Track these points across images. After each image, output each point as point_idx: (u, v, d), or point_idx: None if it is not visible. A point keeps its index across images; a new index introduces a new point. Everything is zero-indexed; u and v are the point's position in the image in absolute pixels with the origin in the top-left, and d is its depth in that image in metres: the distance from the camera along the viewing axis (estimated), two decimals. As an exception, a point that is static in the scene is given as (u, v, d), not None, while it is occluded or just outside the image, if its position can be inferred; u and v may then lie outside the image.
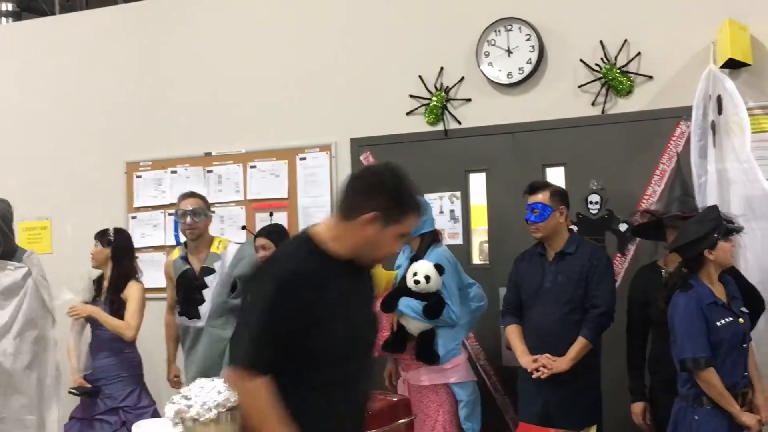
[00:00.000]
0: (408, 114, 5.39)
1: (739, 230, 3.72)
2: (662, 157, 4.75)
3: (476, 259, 5.28)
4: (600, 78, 4.90)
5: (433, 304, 4.29)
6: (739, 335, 3.65)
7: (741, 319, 3.68)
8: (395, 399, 4.09)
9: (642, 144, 4.83)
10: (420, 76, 5.33)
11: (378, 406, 3.83)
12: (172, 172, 6.09)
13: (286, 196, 5.74)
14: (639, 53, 4.83)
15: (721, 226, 3.65)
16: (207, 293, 4.98)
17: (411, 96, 5.36)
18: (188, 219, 4.93)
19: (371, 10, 5.55)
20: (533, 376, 4.16)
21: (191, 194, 5.07)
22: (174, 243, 5.68)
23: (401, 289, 4.38)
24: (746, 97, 4.45)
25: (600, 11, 4.95)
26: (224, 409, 2.59)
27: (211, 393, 2.61)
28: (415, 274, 4.28)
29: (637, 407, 4.16)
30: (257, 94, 5.81)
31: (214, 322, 4.97)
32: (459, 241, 5.24)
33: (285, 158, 5.75)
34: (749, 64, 4.52)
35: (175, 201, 5.29)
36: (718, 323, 3.59)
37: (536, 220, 4.26)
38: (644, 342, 4.18)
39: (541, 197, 4.28)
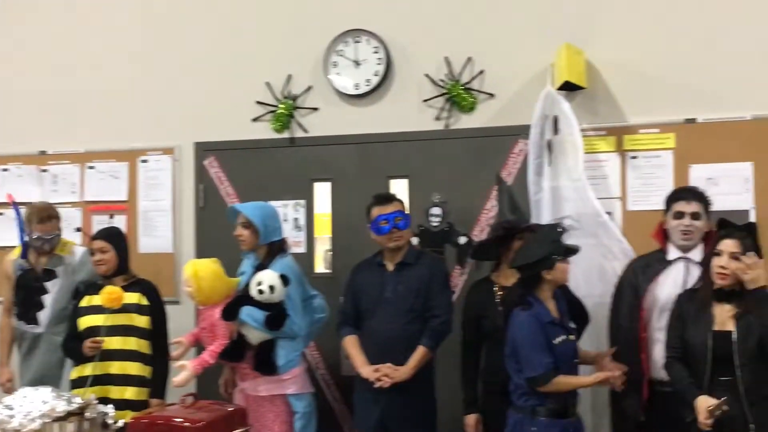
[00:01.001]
0: (254, 120, 5.33)
1: (575, 251, 3.81)
2: (501, 173, 4.89)
3: (319, 268, 5.28)
4: (444, 93, 5.01)
5: (275, 315, 4.25)
6: (571, 352, 3.78)
7: (572, 336, 3.81)
8: (230, 409, 4.02)
9: (483, 159, 4.96)
10: (267, 83, 5.29)
11: (213, 415, 3.75)
12: (4, 170, 5.81)
13: (125, 198, 5.58)
14: (482, 71, 4.97)
15: (560, 248, 3.76)
16: (48, 298, 4.80)
17: (258, 102, 5.31)
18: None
19: (220, 13, 5.47)
20: (375, 386, 4.17)
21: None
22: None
23: (244, 297, 4.31)
24: (580, 118, 4.65)
25: (446, 28, 5.06)
26: (50, 420, 2.48)
27: (35, 403, 2.48)
28: (259, 284, 4.22)
29: (471, 419, 4.24)
30: (97, 93, 5.62)
31: (55, 329, 4.79)
32: (303, 249, 5.23)
33: (126, 160, 5.59)
34: (584, 88, 4.73)
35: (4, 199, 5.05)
36: (555, 341, 3.69)
37: (404, 227, 4.32)
38: (478, 354, 4.27)
39: (400, 206, 4.35)
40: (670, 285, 3.88)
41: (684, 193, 3.96)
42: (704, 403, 3.46)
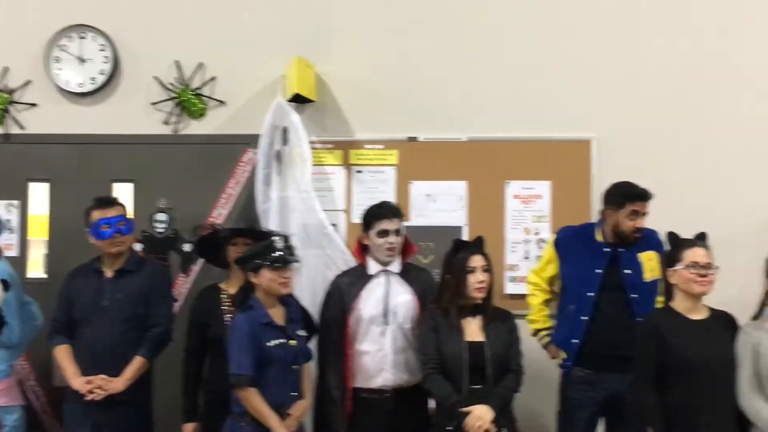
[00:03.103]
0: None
1: (286, 262, 3.77)
2: (230, 181, 4.86)
3: (33, 273, 4.97)
4: (174, 98, 4.91)
5: (-6, 322, 3.96)
6: (289, 356, 3.80)
7: (293, 341, 3.84)
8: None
9: (212, 167, 4.91)
10: None
11: None
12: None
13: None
14: (213, 78, 4.92)
15: (267, 255, 3.75)
16: None
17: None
18: None
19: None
20: (87, 398, 3.99)
21: None
22: None
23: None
24: (309, 131, 4.74)
25: (178, 31, 4.97)
26: None
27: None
28: (-21, 290, 3.90)
29: (188, 428, 4.16)
30: None
31: None
32: (15, 253, 4.90)
33: None
34: (314, 101, 4.81)
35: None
36: (269, 344, 3.72)
37: (127, 231, 4.16)
38: (201, 362, 4.20)
39: (122, 210, 4.20)
40: (373, 299, 3.99)
41: (386, 211, 4.04)
42: (480, 410, 3.61)
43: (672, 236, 3.71)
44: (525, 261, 4.76)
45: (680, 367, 3.48)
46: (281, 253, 3.75)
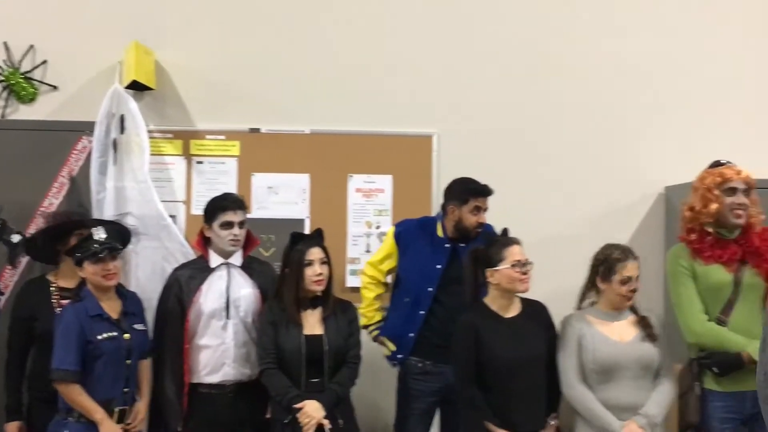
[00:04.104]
0: None
1: (110, 251, 3.68)
2: (62, 169, 4.65)
3: None
4: (2, 81, 4.65)
5: None
6: (121, 350, 3.69)
7: (127, 335, 3.73)
8: None
9: (43, 154, 4.67)
10: None
11: None
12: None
13: None
14: (45, 61, 4.71)
15: (87, 248, 3.65)
16: None
17: None
18: None
19: None
20: None
21: None
22: None
23: None
24: (148, 119, 4.61)
25: (6, 10, 4.72)
26: None
27: None
28: None
29: (12, 427, 3.96)
30: None
31: None
32: None
33: None
34: (152, 89, 4.68)
35: None
36: (99, 336, 3.61)
37: None
38: (25, 358, 4.01)
39: None
40: (214, 293, 3.93)
41: (230, 202, 3.99)
42: (312, 407, 3.61)
43: (504, 232, 3.81)
44: (366, 254, 4.79)
45: (495, 368, 3.58)
46: (100, 245, 3.66)
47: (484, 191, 4.11)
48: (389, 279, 4.34)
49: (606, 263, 3.69)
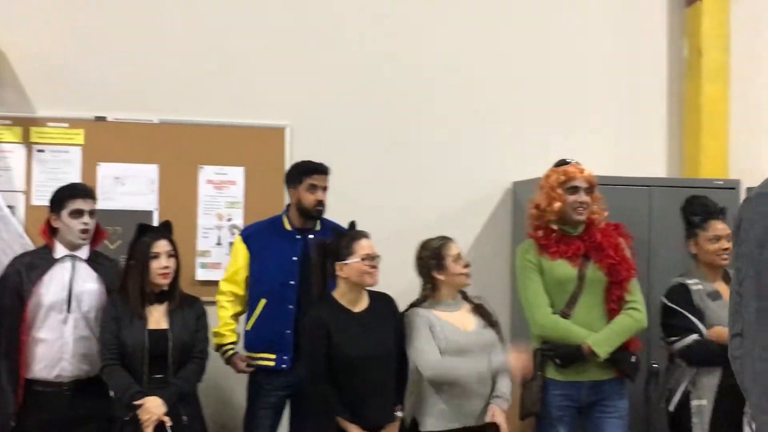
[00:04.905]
0: None
1: None
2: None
3: None
4: None
5: None
6: None
7: None
8: None
9: None
10: None
11: None
12: None
13: None
14: None
15: None
16: None
17: None
18: None
19: None
20: None
21: None
22: None
23: None
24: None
25: None
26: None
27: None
28: None
29: None
30: None
31: None
32: None
33: None
34: (-12, 73, 4.46)
35: None
36: None
37: None
38: None
39: None
40: (56, 284, 3.77)
41: (79, 191, 3.84)
42: (153, 403, 3.49)
43: (351, 225, 3.76)
44: (217, 247, 4.73)
45: (346, 365, 3.52)
46: None
47: (318, 169, 4.10)
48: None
49: (436, 256, 3.74)
